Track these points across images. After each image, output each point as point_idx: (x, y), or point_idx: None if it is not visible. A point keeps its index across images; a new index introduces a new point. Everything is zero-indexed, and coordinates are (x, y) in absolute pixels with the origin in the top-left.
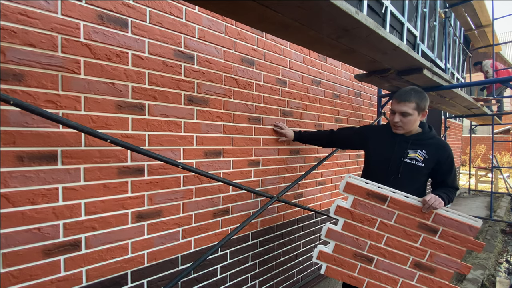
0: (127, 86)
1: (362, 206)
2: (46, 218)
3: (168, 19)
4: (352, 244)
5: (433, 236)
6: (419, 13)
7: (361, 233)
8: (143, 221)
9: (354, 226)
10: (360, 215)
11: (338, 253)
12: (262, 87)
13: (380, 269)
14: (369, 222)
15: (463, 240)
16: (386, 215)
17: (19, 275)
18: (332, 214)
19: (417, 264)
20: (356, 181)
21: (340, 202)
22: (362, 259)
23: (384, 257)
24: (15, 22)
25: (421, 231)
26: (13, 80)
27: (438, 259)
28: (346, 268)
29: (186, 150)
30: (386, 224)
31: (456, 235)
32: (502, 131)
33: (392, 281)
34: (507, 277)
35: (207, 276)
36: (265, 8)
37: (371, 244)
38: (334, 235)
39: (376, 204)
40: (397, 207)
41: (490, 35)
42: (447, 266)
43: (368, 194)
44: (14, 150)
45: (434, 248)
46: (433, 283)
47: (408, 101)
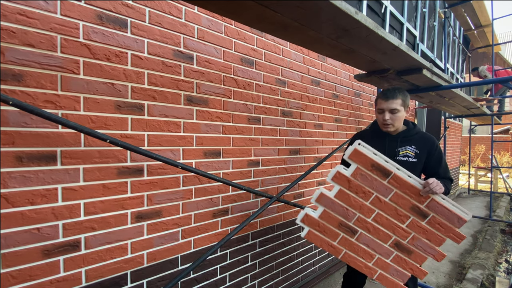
0: (127, 86)
1: (362, 177)
2: (45, 218)
3: (168, 19)
4: (340, 213)
5: (421, 221)
6: (419, 13)
7: (353, 204)
8: (142, 221)
9: (348, 196)
10: (358, 186)
11: (324, 219)
12: (262, 87)
13: (360, 243)
14: (364, 195)
15: (448, 230)
16: (383, 191)
17: (18, 276)
18: (329, 179)
19: (397, 244)
20: (365, 150)
21: (341, 169)
22: (346, 230)
23: (368, 232)
24: (14, 22)
25: (412, 214)
26: (12, 80)
27: (418, 243)
28: (328, 236)
29: (185, 150)
30: (381, 200)
31: (443, 223)
32: (502, 131)
33: (368, 255)
34: (506, 277)
35: (206, 276)
36: (264, 8)
37: (360, 217)
38: (325, 201)
39: (377, 178)
40: (396, 185)
41: (489, 35)
42: (424, 251)
43: (373, 166)
44: (13, 150)
45: (418, 232)
46: (406, 264)
47: (395, 98)
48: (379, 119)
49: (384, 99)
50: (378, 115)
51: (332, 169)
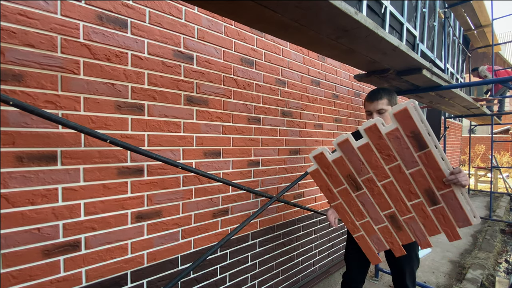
0: (127, 87)
1: (396, 140)
2: (45, 218)
3: (168, 20)
4: (354, 166)
5: (428, 206)
6: (419, 13)
7: (372, 163)
8: (142, 221)
9: (371, 153)
10: (386, 146)
11: (336, 164)
12: (262, 87)
13: (358, 200)
14: (388, 158)
15: (448, 225)
16: (410, 162)
17: (18, 276)
18: (362, 129)
19: (392, 216)
20: (414, 113)
21: (380, 123)
22: (351, 184)
23: (371, 194)
24: (14, 22)
25: (423, 196)
26: (12, 81)
27: (412, 224)
28: (331, 181)
29: (185, 151)
30: (401, 170)
31: (448, 217)
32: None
33: (359, 214)
34: (506, 276)
35: (206, 276)
36: (263, 8)
37: (371, 177)
38: (346, 148)
39: (410, 147)
40: (425, 162)
41: (489, 35)
42: (414, 234)
43: (413, 132)
44: (13, 150)
45: (418, 215)
46: (390, 237)
47: (380, 99)
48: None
49: (369, 101)
50: (367, 117)
51: (369, 121)
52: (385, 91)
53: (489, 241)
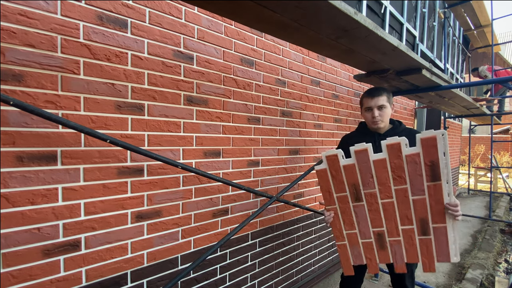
0: (127, 87)
1: (413, 164)
2: (45, 218)
3: (168, 20)
4: (363, 177)
5: (418, 235)
6: (419, 13)
7: (381, 179)
8: (142, 221)
9: (384, 170)
10: (401, 167)
11: (346, 170)
12: (262, 87)
13: (353, 210)
14: (398, 179)
15: (428, 257)
16: (416, 189)
17: (19, 275)
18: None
19: (380, 234)
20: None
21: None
22: (353, 193)
23: (369, 208)
24: (14, 22)
25: (417, 224)
26: (12, 81)
27: (396, 248)
28: (334, 185)
29: (185, 150)
30: (406, 194)
31: (431, 250)
32: (501, 131)
33: (350, 224)
34: (506, 276)
35: (206, 276)
36: (263, 8)
37: (374, 192)
38: (362, 157)
39: (423, 175)
40: (431, 193)
41: (489, 35)
42: (394, 256)
43: (431, 162)
44: (13, 150)
45: (405, 240)
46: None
47: (380, 95)
48: (367, 118)
49: (370, 97)
50: (366, 114)
51: (393, 138)
52: (383, 89)
53: (488, 241)
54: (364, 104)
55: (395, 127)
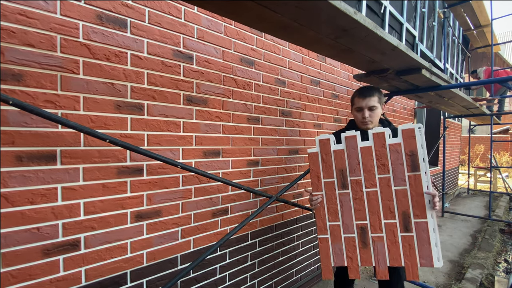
0: (126, 86)
1: (395, 153)
2: (45, 218)
3: (167, 19)
4: (351, 163)
5: (400, 231)
6: (418, 13)
7: (367, 166)
8: (142, 221)
9: (370, 156)
10: (385, 156)
11: (335, 155)
12: (261, 87)
13: (339, 199)
14: (382, 167)
15: (411, 259)
16: (399, 179)
17: (18, 275)
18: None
19: (363, 228)
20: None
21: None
22: (340, 179)
23: (354, 197)
24: (14, 22)
25: (399, 218)
26: (12, 80)
27: (379, 246)
28: (323, 169)
29: (185, 150)
30: (389, 184)
31: (413, 249)
32: (501, 131)
33: (334, 214)
34: (505, 276)
35: (206, 276)
36: (263, 8)
37: (360, 179)
38: (351, 143)
39: (404, 164)
40: (412, 184)
41: (489, 35)
42: (376, 257)
43: (411, 152)
44: (13, 150)
45: (388, 237)
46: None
47: (372, 96)
48: (357, 117)
49: (361, 97)
50: (356, 114)
51: (379, 128)
52: (375, 89)
53: (488, 241)
54: (355, 104)
55: (384, 126)
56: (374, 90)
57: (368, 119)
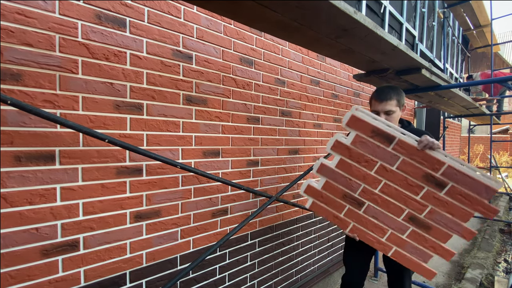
0: (125, 86)
1: (363, 144)
2: (44, 218)
3: (167, 19)
4: (343, 184)
5: (438, 192)
6: (418, 13)
7: (356, 174)
8: (141, 221)
9: (349, 165)
10: (359, 154)
11: (327, 190)
12: (261, 87)
13: (369, 216)
14: (367, 164)
15: (475, 202)
16: (389, 158)
17: (17, 275)
18: (329, 149)
19: (412, 218)
20: (363, 115)
21: (340, 137)
22: (352, 202)
23: (377, 204)
24: (12, 21)
25: (426, 184)
26: (10, 80)
27: (438, 217)
28: (332, 208)
29: (184, 150)
30: (387, 169)
31: (467, 194)
32: (501, 131)
33: (379, 230)
34: (505, 276)
35: (205, 276)
36: (263, 7)
37: (365, 187)
38: (326, 172)
39: (380, 145)
40: (403, 151)
41: (488, 35)
42: (447, 227)
43: (374, 131)
44: (11, 150)
45: (436, 205)
46: (426, 241)
47: (389, 99)
48: None
49: (378, 101)
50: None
51: (331, 138)
52: (394, 91)
53: (488, 241)
54: (371, 106)
55: (403, 127)
56: (392, 92)
57: None
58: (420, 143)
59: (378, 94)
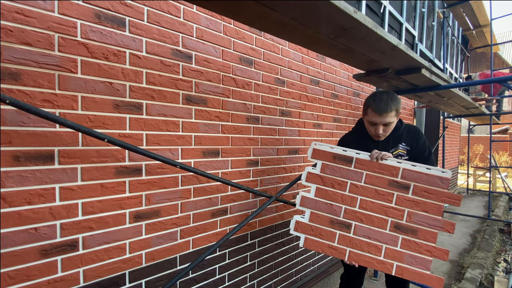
0: (125, 86)
1: (330, 169)
2: (43, 218)
3: (166, 18)
4: (327, 211)
5: (406, 193)
6: (418, 13)
7: (334, 198)
8: (141, 221)
9: (326, 191)
10: (330, 179)
11: (314, 221)
12: (261, 87)
13: (360, 236)
14: (340, 186)
15: (438, 194)
16: (355, 176)
17: (15, 276)
18: (304, 181)
19: (396, 226)
20: (322, 147)
21: (310, 169)
22: (340, 226)
23: (362, 222)
24: (11, 20)
25: (393, 189)
26: (9, 79)
27: (417, 218)
28: (324, 238)
29: (184, 150)
30: (357, 186)
31: (429, 189)
32: (500, 131)
33: (375, 248)
34: (505, 276)
35: (205, 276)
36: (263, 7)
37: (346, 208)
38: (308, 203)
39: (344, 167)
40: (363, 167)
41: (488, 35)
42: (429, 226)
43: (334, 157)
44: (10, 149)
45: (410, 206)
46: (419, 246)
47: (390, 111)
48: (370, 131)
49: (377, 114)
50: (369, 126)
51: (303, 172)
52: (393, 101)
53: (487, 241)
54: (368, 115)
55: (396, 129)
56: (391, 102)
57: (382, 135)
58: (371, 157)
59: (377, 106)
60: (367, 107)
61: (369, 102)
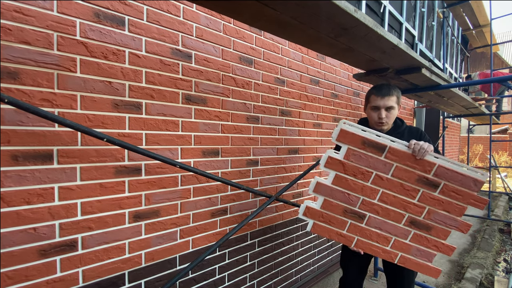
0: (124, 85)
1: (356, 157)
2: (41, 218)
3: (166, 17)
4: (342, 200)
5: (433, 192)
6: (418, 13)
7: (354, 188)
8: (140, 221)
9: (346, 180)
10: (354, 167)
11: (326, 209)
12: (261, 86)
13: (371, 227)
14: (363, 176)
15: (466, 196)
16: (382, 167)
17: (14, 276)
18: (323, 166)
19: (412, 221)
20: (352, 128)
21: (332, 153)
22: (353, 216)
23: (377, 214)
24: (10, 19)
25: (421, 186)
26: (8, 78)
27: (436, 217)
28: (334, 226)
29: (184, 150)
30: (382, 178)
31: (459, 190)
32: (500, 131)
33: (383, 239)
34: (505, 276)
35: (205, 276)
36: (263, 6)
37: (364, 199)
38: (323, 190)
39: (373, 155)
40: (395, 158)
41: (488, 35)
42: (445, 224)
43: (364, 143)
44: (9, 149)
45: (433, 205)
46: (428, 241)
47: (391, 95)
48: (373, 117)
49: (379, 96)
50: (371, 113)
51: (323, 155)
52: (394, 88)
53: (487, 241)
54: (371, 102)
55: (397, 126)
56: (393, 88)
57: (384, 120)
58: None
59: (379, 90)
60: (369, 95)
61: (371, 91)
